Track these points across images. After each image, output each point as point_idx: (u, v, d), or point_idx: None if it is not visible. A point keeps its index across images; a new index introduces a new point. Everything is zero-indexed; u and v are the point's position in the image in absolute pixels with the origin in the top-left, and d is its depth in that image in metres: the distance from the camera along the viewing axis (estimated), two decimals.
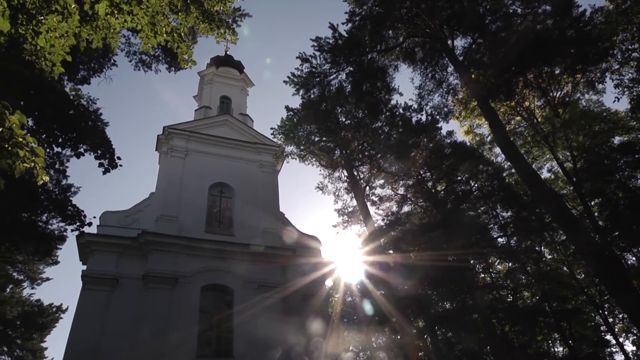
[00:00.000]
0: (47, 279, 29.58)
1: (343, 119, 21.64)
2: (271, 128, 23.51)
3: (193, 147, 21.77)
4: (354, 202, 23.65)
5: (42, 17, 7.47)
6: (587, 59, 17.66)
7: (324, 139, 21.63)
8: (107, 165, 9.50)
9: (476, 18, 18.26)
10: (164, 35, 8.57)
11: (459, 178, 24.94)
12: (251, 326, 17.23)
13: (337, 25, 19.60)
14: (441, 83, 21.67)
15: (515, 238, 24.82)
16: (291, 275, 19.25)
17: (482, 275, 26.65)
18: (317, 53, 19.73)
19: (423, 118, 21.93)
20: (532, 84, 20.53)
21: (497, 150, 27.24)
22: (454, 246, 21.16)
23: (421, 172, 24.68)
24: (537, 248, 25.22)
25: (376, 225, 22.09)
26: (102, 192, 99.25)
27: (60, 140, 8.93)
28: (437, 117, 22.19)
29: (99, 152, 9.53)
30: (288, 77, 20.00)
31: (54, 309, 30.19)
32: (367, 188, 23.54)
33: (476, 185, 25.23)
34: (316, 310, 18.89)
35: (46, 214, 16.00)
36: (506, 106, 22.56)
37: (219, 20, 10.58)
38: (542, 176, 21.83)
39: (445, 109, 22.24)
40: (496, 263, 27.05)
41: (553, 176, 26.82)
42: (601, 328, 25.43)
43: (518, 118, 24.49)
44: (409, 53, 21.24)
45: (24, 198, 10.02)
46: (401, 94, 33.28)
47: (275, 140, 22.40)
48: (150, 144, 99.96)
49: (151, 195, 20.46)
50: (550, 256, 27.00)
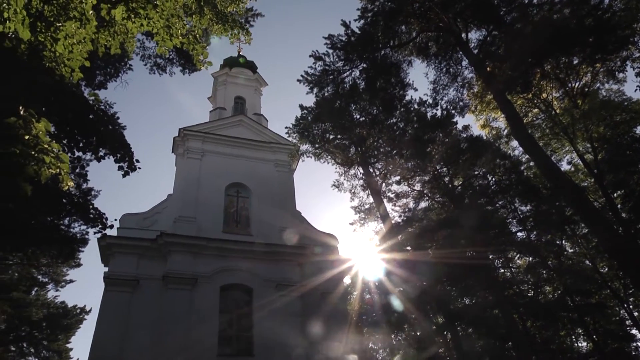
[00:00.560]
0: (71, 281, 30.25)
1: (357, 116, 21.56)
2: (286, 127, 23.56)
3: (209, 148, 21.94)
4: (370, 199, 23.57)
5: (60, 24, 7.59)
6: (607, 48, 17.20)
7: (339, 137, 21.58)
8: (127, 168, 9.64)
9: (491, 9, 17.96)
10: (180, 37, 8.66)
11: (476, 172, 24.66)
12: (270, 324, 17.32)
13: (350, 22, 19.50)
14: (456, 77, 21.40)
15: (535, 232, 24.45)
16: (309, 273, 19.27)
17: (502, 270, 26.34)
18: (330, 51, 19.67)
19: (438, 113, 21.71)
20: (550, 75, 20.09)
21: (514, 143, 26.85)
22: (472, 241, 20.95)
23: (437, 168, 24.46)
24: (558, 242, 24.79)
25: (393, 222, 21.97)
26: (120, 195, 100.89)
27: (81, 144, 9.11)
28: (453, 112, 21.92)
29: (119, 156, 9.67)
30: (302, 76, 20.01)
31: (78, 311, 30.82)
32: (383, 185, 23.42)
33: (493, 179, 24.92)
34: (335, 308, 18.89)
35: (68, 218, 16.31)
36: (523, 98, 22.16)
37: (233, 20, 10.64)
38: (562, 168, 21.47)
39: (460, 103, 21.97)
40: (516, 258, 26.67)
41: (573, 168, 26.29)
42: (626, 322, 24.92)
43: (536, 110, 24.04)
44: (423, 48, 21.01)
45: (48, 203, 10.24)
46: (416, 89, 33.18)
47: (290, 139, 22.43)
48: (165, 146, 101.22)
49: (169, 196, 20.70)
50: (571, 250, 26.54)
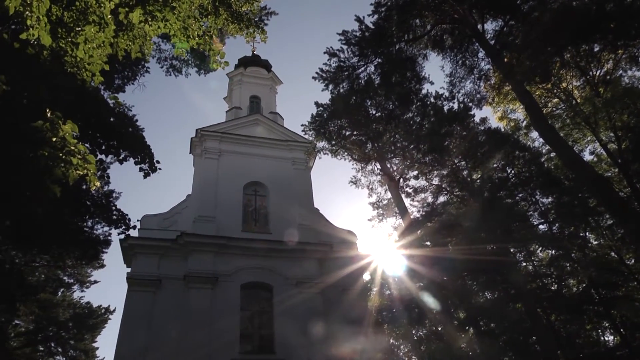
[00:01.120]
0: (95, 282, 30.90)
1: (373, 112, 21.48)
2: (302, 125, 23.62)
3: (226, 148, 22.08)
4: (388, 195, 23.49)
5: (80, 29, 7.73)
6: (629, 34, 16.73)
7: (355, 133, 21.54)
8: (147, 169, 9.80)
9: None
10: (196, 38, 8.74)
11: (495, 165, 24.29)
12: (291, 322, 17.36)
13: (363, 17, 19.46)
14: (472, 69, 21.16)
15: (557, 224, 23.98)
16: (329, 270, 19.27)
17: (524, 263, 25.93)
18: (345, 47, 19.68)
19: (455, 106, 21.54)
20: (570, 64, 19.67)
21: (534, 134, 26.39)
22: (493, 235, 20.68)
23: (455, 161, 24.20)
24: (582, 234, 24.25)
25: (412, 217, 21.84)
26: (140, 196, 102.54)
27: (103, 147, 9.29)
28: (470, 104, 21.72)
29: (139, 157, 9.83)
30: (317, 73, 20.09)
31: (103, 311, 31.44)
32: (401, 180, 23.27)
33: (513, 171, 24.50)
34: (355, 304, 18.87)
35: (91, 220, 16.65)
36: (542, 88, 21.78)
37: (248, 20, 10.69)
38: (585, 159, 20.97)
39: (477, 96, 21.76)
40: (538, 251, 26.21)
41: (596, 158, 25.63)
42: None
43: (555, 100, 23.57)
44: (438, 41, 20.82)
45: (73, 205, 10.47)
46: (432, 83, 32.76)
47: (306, 136, 22.45)
48: (182, 148, 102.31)
49: (188, 197, 20.91)
50: (596, 242, 25.91)
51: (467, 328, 24.22)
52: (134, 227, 12.31)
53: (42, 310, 27.66)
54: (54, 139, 4.17)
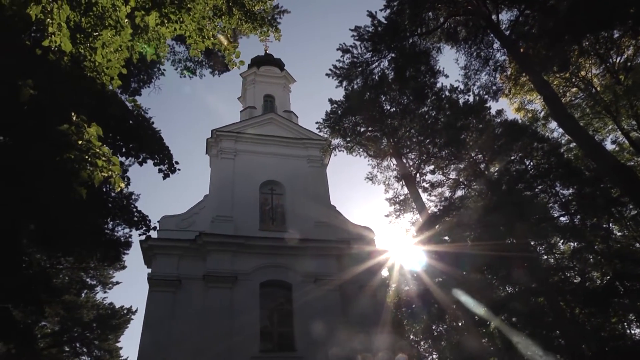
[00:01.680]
0: (117, 283, 31.45)
1: (388, 107, 21.33)
2: (316, 122, 23.60)
3: (241, 148, 22.24)
4: (405, 190, 23.33)
5: (97, 34, 7.86)
6: None
7: (370, 129, 21.41)
8: (167, 169, 9.91)
9: None
10: (211, 39, 8.81)
11: (513, 157, 23.90)
12: (311, 319, 17.43)
13: (376, 12, 19.32)
14: (487, 61, 20.80)
15: (579, 216, 23.48)
16: (347, 267, 19.28)
17: (545, 257, 25.49)
18: (358, 42, 19.55)
19: (470, 99, 21.24)
20: (589, 51, 19.22)
21: (552, 125, 25.92)
22: (513, 228, 20.36)
23: (472, 155, 23.89)
24: (605, 225, 23.71)
25: (430, 212, 21.64)
26: (157, 198, 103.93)
27: (124, 150, 9.43)
28: (486, 97, 21.38)
29: (158, 159, 9.94)
30: (330, 70, 20.00)
31: (125, 311, 31.98)
32: (418, 175, 23.06)
33: (531, 163, 24.08)
34: (374, 300, 18.85)
35: (112, 222, 16.90)
36: (560, 78, 21.34)
37: (262, 18, 10.73)
38: (606, 148, 20.46)
39: (493, 87, 21.38)
40: (559, 243, 25.74)
41: (618, 147, 25.07)
42: None
43: (574, 89, 23.08)
44: (452, 33, 20.52)
45: (96, 207, 10.66)
46: (447, 76, 32.35)
47: (321, 134, 22.45)
48: (197, 148, 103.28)
49: (205, 197, 21.13)
50: (620, 233, 25.34)
51: (488, 323, 23.94)
52: (155, 228, 12.46)
53: (67, 311, 28.28)
54: (80, 142, 4.25)
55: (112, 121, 8.20)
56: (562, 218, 23.55)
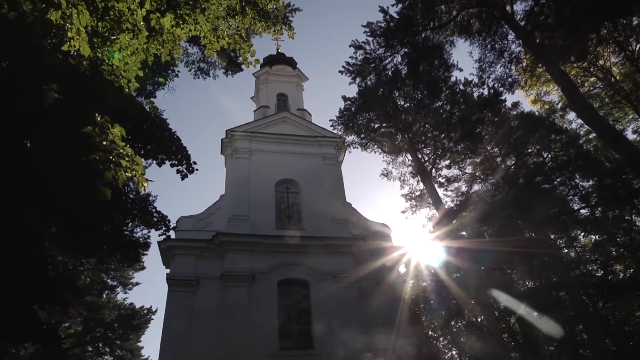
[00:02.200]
0: (137, 284, 31.97)
1: (402, 102, 21.17)
2: (330, 120, 23.57)
3: (256, 147, 22.33)
4: (421, 186, 23.16)
5: (115, 37, 7.97)
6: None
7: (384, 125, 21.27)
8: (185, 170, 10.02)
9: None
10: (226, 38, 8.86)
11: (530, 150, 23.56)
12: (329, 316, 17.45)
13: (387, 7, 19.21)
14: (502, 53, 20.55)
15: (599, 208, 23.02)
16: (364, 263, 19.22)
17: (565, 250, 25.08)
18: (370, 38, 19.47)
19: (485, 92, 20.93)
20: (607, 40, 18.79)
21: (571, 116, 25.48)
22: (531, 222, 20.07)
23: (488, 149, 23.61)
24: (627, 217, 23.21)
25: (446, 207, 21.46)
26: (173, 198, 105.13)
27: (142, 152, 9.56)
28: (501, 89, 21.06)
29: (176, 159, 10.05)
30: (343, 67, 19.97)
31: (145, 311, 32.47)
32: (433, 170, 22.86)
33: (549, 155, 23.70)
34: (391, 296, 18.77)
35: (131, 223, 17.13)
36: (578, 68, 20.94)
37: (275, 17, 10.76)
38: (628, 138, 20.01)
39: (509, 80, 21.11)
40: (580, 236, 25.28)
41: (639, 137, 24.54)
42: None
43: (592, 79, 22.62)
44: (465, 26, 20.31)
45: (118, 208, 10.83)
46: (461, 70, 31.77)
47: (335, 131, 22.40)
48: (212, 149, 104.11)
49: (221, 197, 21.28)
50: None
51: (508, 319, 23.68)
52: (174, 229, 12.59)
53: (90, 312, 28.82)
54: (104, 143, 4.32)
55: (130, 123, 8.33)
56: (583, 210, 23.12)
